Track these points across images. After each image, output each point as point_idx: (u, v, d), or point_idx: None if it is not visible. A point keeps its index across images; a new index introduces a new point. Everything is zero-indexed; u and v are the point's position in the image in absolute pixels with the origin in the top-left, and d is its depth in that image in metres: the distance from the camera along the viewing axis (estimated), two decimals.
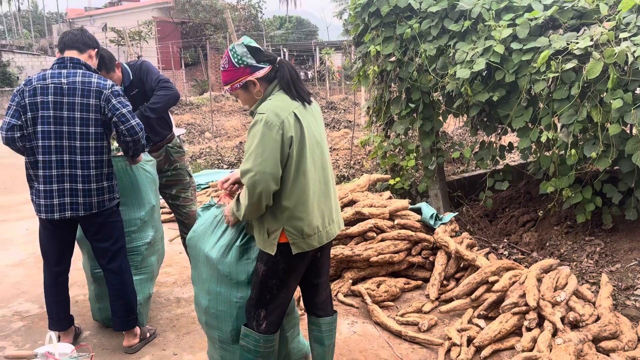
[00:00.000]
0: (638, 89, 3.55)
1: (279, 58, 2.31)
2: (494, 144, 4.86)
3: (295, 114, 2.18)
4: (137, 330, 3.14)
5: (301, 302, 3.43)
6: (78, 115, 2.74)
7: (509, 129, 4.48)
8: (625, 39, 3.55)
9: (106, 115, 2.78)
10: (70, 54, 2.83)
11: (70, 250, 3.04)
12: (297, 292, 3.47)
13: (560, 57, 3.77)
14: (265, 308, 2.37)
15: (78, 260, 3.31)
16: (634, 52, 3.38)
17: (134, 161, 3.12)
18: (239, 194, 2.33)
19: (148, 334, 3.23)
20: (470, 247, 4.16)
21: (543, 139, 4.06)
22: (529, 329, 3.09)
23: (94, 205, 2.84)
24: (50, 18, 43.18)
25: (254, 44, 2.28)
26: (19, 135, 2.73)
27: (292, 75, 2.26)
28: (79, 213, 2.82)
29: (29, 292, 3.99)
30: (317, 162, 2.27)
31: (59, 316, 3.05)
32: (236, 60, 2.25)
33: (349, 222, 4.09)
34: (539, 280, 3.39)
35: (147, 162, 3.33)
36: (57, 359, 2.47)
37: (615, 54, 3.42)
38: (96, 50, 2.96)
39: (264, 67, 2.26)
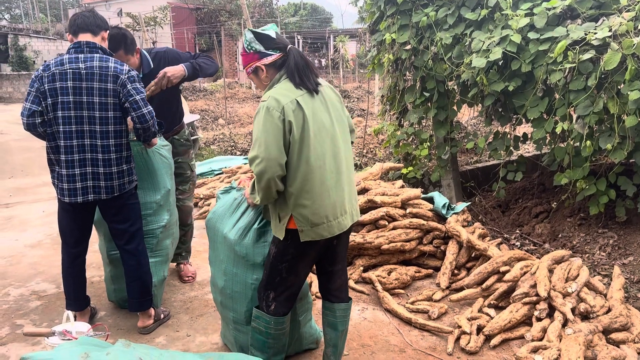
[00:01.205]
0: None
1: (289, 46, 2.31)
2: (508, 135, 4.83)
3: (297, 101, 2.19)
4: (152, 311, 3.20)
5: (313, 288, 3.47)
6: (97, 100, 2.77)
7: (524, 120, 4.45)
8: None
9: (121, 100, 2.81)
10: (84, 37, 2.83)
11: (88, 232, 3.09)
12: (310, 277, 3.52)
13: (577, 47, 3.73)
14: (274, 290, 2.40)
15: (94, 242, 3.38)
16: None
17: (149, 145, 3.16)
18: (254, 180, 2.36)
19: (162, 316, 3.29)
20: (482, 237, 4.17)
21: (558, 130, 4.03)
22: (539, 319, 3.11)
23: (115, 188, 2.89)
24: (66, 2, 43.35)
25: (268, 30, 2.28)
26: (39, 121, 2.77)
27: (298, 64, 2.27)
28: (101, 196, 2.88)
29: (46, 272, 4.07)
30: (326, 151, 2.25)
31: (76, 296, 3.11)
32: (246, 45, 2.31)
33: (361, 210, 4.11)
34: (551, 271, 3.40)
35: (163, 147, 3.36)
36: (74, 337, 2.52)
37: (634, 44, 3.38)
38: (107, 31, 2.98)
39: (272, 55, 2.28)
